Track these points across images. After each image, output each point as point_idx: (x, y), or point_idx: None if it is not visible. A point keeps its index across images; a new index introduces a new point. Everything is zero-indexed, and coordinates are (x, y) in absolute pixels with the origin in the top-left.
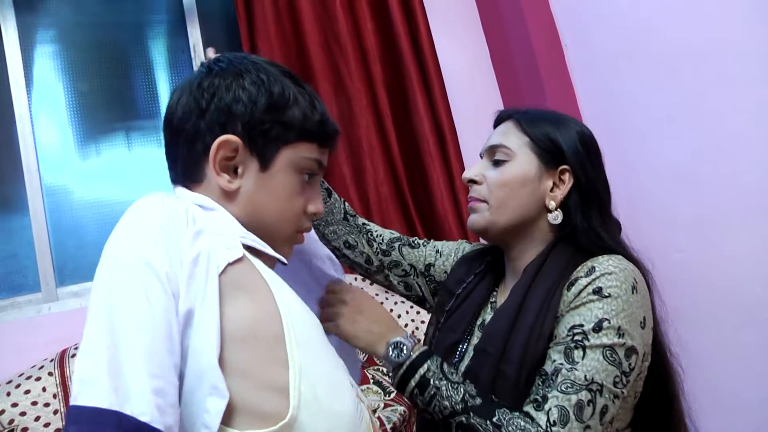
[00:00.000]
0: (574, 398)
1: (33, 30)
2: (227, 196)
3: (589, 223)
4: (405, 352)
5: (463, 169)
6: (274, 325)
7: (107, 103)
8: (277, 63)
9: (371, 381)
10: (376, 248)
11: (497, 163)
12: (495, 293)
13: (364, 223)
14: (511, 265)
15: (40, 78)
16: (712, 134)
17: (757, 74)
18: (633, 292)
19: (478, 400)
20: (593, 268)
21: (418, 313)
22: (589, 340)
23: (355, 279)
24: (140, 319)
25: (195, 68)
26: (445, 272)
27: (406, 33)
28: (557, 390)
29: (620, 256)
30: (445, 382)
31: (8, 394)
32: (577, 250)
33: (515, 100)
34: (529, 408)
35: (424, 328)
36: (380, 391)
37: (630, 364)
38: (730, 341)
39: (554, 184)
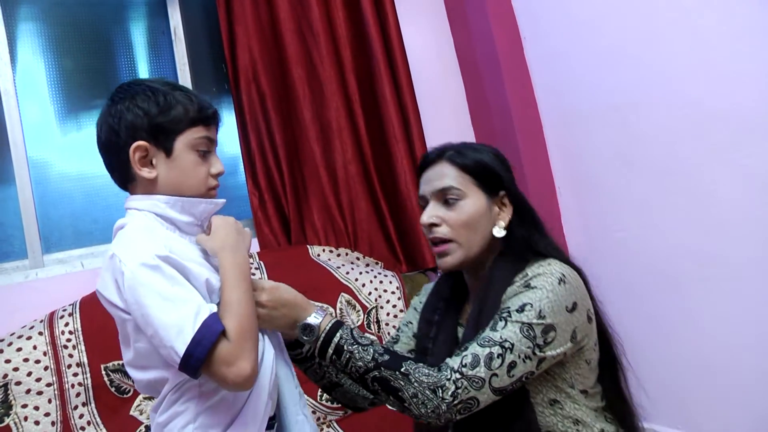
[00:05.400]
0: (487, 350)
1: (16, 6)
2: (152, 182)
3: (531, 241)
4: (315, 330)
5: (425, 150)
6: None
7: (89, 80)
8: (158, 78)
9: None
10: None
11: (449, 203)
12: (461, 315)
13: None
14: (470, 280)
15: (24, 54)
16: (653, 123)
17: (695, 65)
18: (560, 284)
19: (387, 356)
20: (527, 273)
21: (381, 282)
22: (511, 317)
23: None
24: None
25: (175, 50)
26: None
27: (375, 22)
28: (476, 343)
29: (552, 260)
30: (356, 346)
31: (1, 351)
32: (517, 258)
33: (477, 88)
34: (450, 357)
35: (386, 296)
36: None
37: (546, 339)
38: (658, 307)
39: (499, 207)
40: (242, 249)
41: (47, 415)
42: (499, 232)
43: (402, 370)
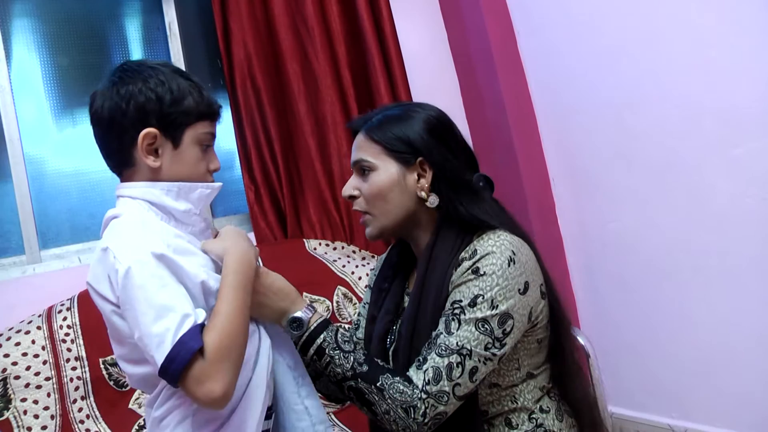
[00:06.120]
0: (446, 361)
1: (10, 3)
2: (154, 172)
3: (457, 205)
4: (303, 326)
5: None
6: None
7: (84, 77)
8: (169, 63)
9: None
10: None
11: (364, 174)
12: (408, 282)
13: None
14: (416, 251)
15: (19, 51)
16: (649, 119)
17: (691, 62)
18: (509, 265)
19: (365, 367)
20: (476, 251)
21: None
22: (465, 314)
23: (319, 243)
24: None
25: (170, 46)
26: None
27: (369, 17)
28: (435, 353)
29: (500, 232)
30: (337, 351)
31: (0, 346)
32: (461, 228)
33: (471, 82)
34: (412, 368)
35: None
36: None
37: (504, 329)
38: (653, 300)
39: (419, 175)
40: (249, 258)
41: (46, 408)
42: (431, 201)
43: (378, 384)
